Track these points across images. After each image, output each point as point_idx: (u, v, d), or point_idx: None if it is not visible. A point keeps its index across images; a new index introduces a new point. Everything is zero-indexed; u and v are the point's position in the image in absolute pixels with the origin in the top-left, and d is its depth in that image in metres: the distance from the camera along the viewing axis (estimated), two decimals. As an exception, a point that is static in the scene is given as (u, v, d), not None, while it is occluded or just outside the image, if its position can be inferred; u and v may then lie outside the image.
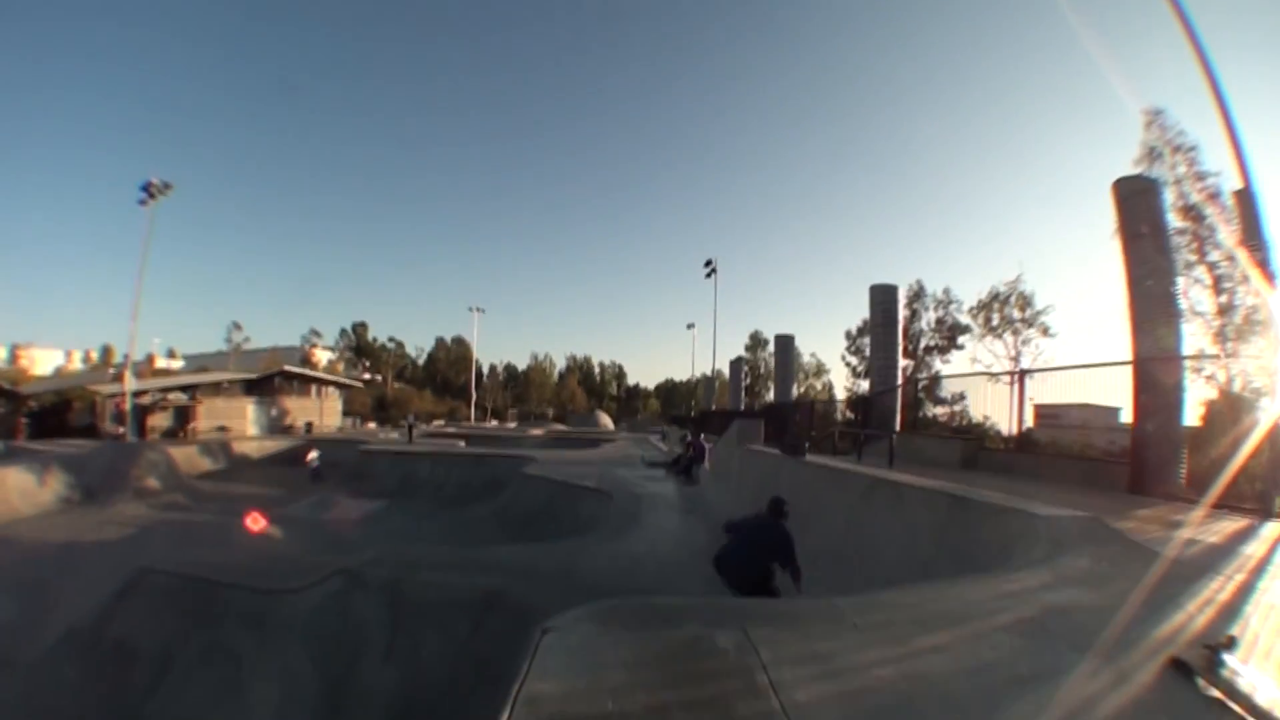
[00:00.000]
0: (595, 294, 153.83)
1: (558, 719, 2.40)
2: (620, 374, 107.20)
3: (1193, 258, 16.44)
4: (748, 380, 53.05)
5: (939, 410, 26.21)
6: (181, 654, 9.78)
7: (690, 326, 63.29)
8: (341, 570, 9.77)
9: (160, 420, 39.33)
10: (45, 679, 10.13)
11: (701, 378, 66.70)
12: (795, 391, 40.12)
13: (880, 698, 2.62)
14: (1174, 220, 16.32)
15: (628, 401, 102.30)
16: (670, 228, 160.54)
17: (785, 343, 35.59)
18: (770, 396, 45.23)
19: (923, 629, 3.42)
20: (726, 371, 52.29)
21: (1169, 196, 16.00)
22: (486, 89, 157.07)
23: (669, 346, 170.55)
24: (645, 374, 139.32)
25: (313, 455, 29.53)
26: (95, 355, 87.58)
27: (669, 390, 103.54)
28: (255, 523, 17.96)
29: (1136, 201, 10.18)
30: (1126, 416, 10.06)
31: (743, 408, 42.34)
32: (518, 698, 2.49)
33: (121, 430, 35.47)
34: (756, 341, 62.25)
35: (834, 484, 10.28)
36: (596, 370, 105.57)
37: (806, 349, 63.19)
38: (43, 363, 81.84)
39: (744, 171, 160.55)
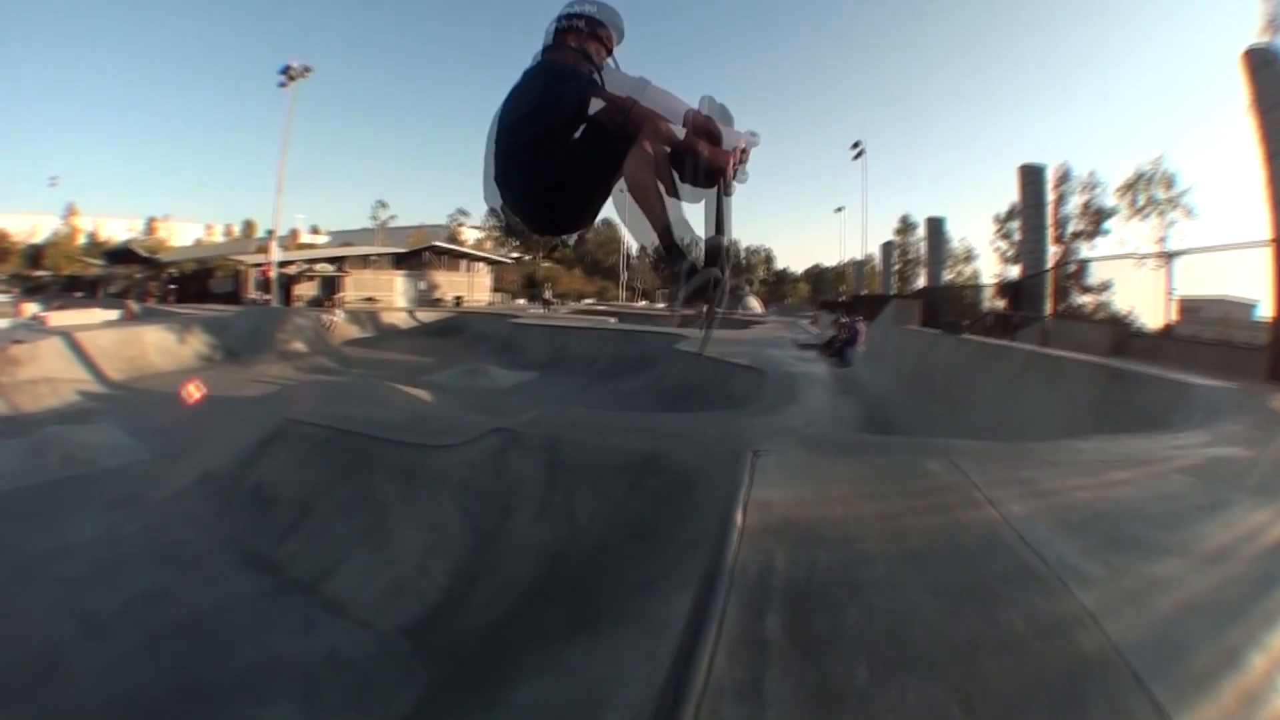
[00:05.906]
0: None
1: (789, 520, 2.64)
2: (769, 258, 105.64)
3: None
4: (898, 265, 53.16)
5: (1086, 299, 26.85)
6: (322, 503, 10.41)
7: (839, 210, 65.79)
8: (499, 429, 10.04)
9: (307, 290, 42.23)
10: (173, 517, 11.14)
11: (850, 262, 67.79)
12: (945, 276, 40.48)
13: (1086, 512, 3.06)
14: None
15: (776, 286, 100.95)
16: (817, 109, 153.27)
17: (936, 225, 35.29)
18: (921, 281, 45.02)
19: (1109, 466, 3.98)
20: (876, 255, 54.14)
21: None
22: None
23: (816, 228, 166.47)
24: (793, 259, 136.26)
25: None
26: (236, 230, 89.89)
27: (817, 276, 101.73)
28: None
29: (1269, 72, 9.96)
30: (1264, 310, 10.10)
31: (894, 292, 42.00)
32: (747, 503, 2.69)
33: (267, 297, 37.58)
34: (906, 225, 61.91)
35: (993, 359, 10.98)
36: (744, 254, 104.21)
37: (955, 234, 62.17)
38: (181, 235, 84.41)
39: (891, 49, 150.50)
